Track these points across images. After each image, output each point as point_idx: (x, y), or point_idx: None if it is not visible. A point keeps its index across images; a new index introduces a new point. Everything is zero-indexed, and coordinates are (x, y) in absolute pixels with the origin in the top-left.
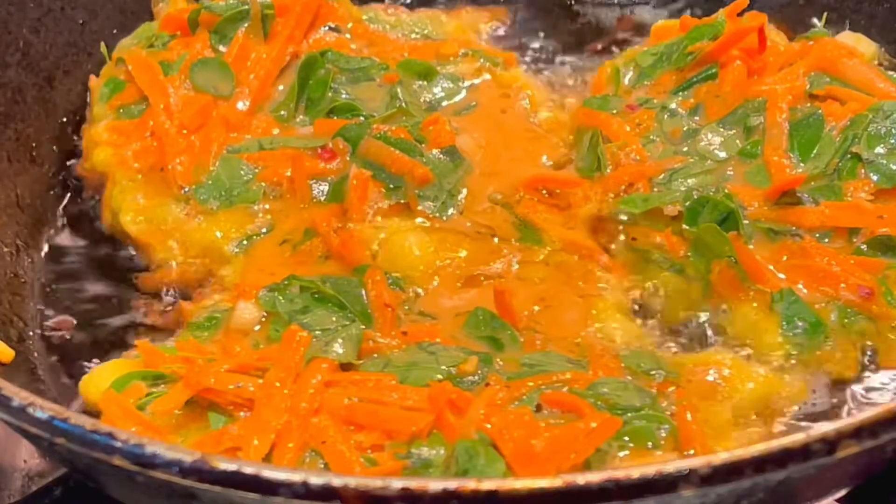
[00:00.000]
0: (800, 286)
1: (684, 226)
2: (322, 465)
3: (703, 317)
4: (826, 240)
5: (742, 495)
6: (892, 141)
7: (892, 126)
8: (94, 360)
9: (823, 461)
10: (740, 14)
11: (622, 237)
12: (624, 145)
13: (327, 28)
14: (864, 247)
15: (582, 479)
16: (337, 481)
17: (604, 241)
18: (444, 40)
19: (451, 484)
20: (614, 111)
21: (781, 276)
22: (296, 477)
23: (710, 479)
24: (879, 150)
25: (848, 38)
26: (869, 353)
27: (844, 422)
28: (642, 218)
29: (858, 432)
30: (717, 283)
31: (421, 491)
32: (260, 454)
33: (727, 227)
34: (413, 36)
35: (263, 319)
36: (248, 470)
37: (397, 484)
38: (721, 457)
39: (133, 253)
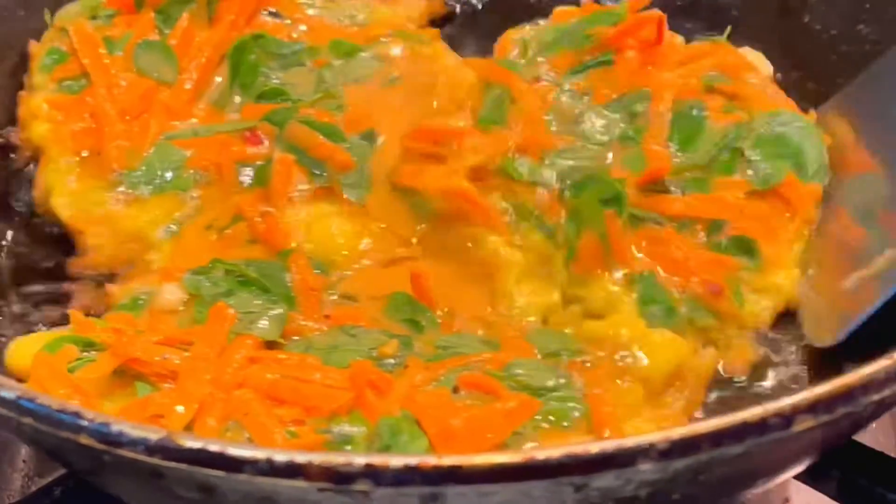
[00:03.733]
0: (659, 271)
1: (566, 193)
2: (246, 437)
3: (561, 283)
4: (690, 233)
5: (699, 471)
6: (777, 147)
7: (781, 132)
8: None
9: (780, 435)
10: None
11: (503, 192)
12: (529, 108)
13: (266, 13)
14: (724, 244)
15: (542, 454)
16: (301, 458)
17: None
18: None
19: (413, 460)
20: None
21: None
22: (260, 454)
23: (668, 453)
24: (762, 151)
25: (747, 53)
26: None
27: (800, 396)
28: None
29: (814, 407)
30: (582, 254)
31: (383, 467)
32: (183, 422)
33: (608, 207)
34: (346, 22)
35: (187, 301)
36: (213, 448)
37: (360, 460)
38: (679, 431)
39: (63, 234)
